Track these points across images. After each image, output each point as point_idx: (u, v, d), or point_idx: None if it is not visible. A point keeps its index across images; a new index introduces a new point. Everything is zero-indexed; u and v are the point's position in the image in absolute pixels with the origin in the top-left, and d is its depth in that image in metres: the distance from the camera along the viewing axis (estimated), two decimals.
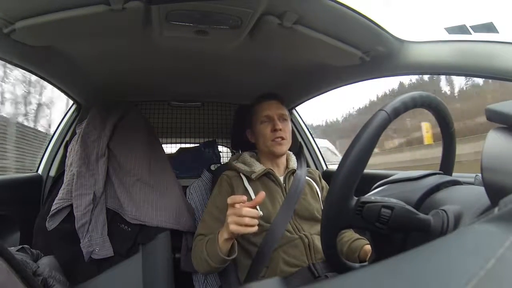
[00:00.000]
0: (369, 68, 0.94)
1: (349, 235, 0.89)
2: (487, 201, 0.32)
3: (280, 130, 0.93)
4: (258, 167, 0.94)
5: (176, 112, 1.55)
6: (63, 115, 1.33)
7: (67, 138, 1.26)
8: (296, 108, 1.51)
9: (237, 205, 0.68)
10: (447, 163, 0.54)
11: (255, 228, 0.68)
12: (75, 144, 1.03)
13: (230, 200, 0.69)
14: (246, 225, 0.67)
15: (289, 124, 0.99)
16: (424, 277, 0.15)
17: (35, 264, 0.76)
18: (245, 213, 0.67)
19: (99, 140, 1.01)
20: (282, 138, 0.93)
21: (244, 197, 0.69)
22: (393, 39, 0.81)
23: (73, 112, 1.29)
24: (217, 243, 0.73)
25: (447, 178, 0.47)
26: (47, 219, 0.92)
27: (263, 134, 0.94)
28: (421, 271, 0.16)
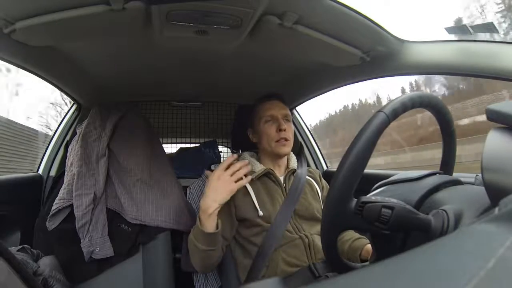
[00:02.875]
0: (369, 68, 0.94)
1: (350, 234, 0.89)
2: (487, 201, 0.32)
3: (285, 130, 0.93)
4: (258, 167, 0.94)
5: (176, 112, 1.55)
6: (64, 115, 1.33)
7: (67, 138, 1.26)
8: (297, 108, 1.51)
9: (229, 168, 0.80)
10: (447, 163, 0.54)
11: (248, 178, 0.83)
12: (75, 144, 1.03)
13: (222, 167, 0.80)
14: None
15: (292, 125, 0.99)
16: (424, 277, 0.15)
17: (35, 264, 0.76)
18: (239, 166, 0.81)
19: (99, 140, 1.01)
20: (286, 139, 0.93)
21: (231, 159, 0.82)
22: (393, 39, 0.81)
23: (73, 112, 1.29)
24: (198, 225, 0.77)
25: (447, 178, 0.47)
26: (48, 219, 0.92)
27: (267, 133, 0.94)
28: (422, 271, 0.16)
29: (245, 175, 0.82)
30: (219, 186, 0.78)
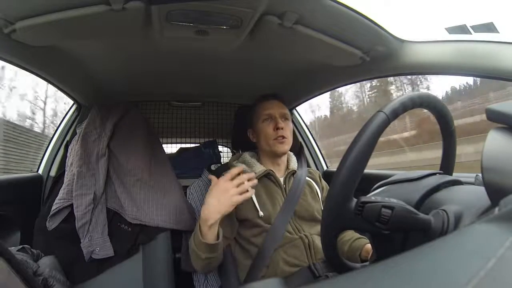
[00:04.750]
0: (369, 68, 0.94)
1: (350, 234, 0.89)
2: (487, 201, 0.32)
3: (282, 129, 0.93)
4: (259, 168, 0.94)
5: (176, 112, 1.55)
6: (64, 115, 1.33)
7: (67, 138, 1.26)
8: (296, 108, 1.51)
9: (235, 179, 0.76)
10: (447, 163, 0.54)
11: (252, 191, 0.77)
12: (75, 144, 1.04)
13: (228, 177, 0.76)
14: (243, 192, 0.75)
15: (291, 124, 0.99)
16: (424, 277, 0.15)
17: (35, 264, 0.77)
18: (246, 177, 0.76)
19: (99, 140, 1.01)
20: (284, 137, 0.93)
21: (236, 170, 0.77)
22: (393, 39, 0.81)
23: (73, 112, 1.29)
24: (199, 234, 0.74)
25: (447, 178, 0.47)
26: (48, 219, 0.92)
27: (265, 132, 0.94)
28: (422, 271, 0.16)
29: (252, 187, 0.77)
30: (222, 197, 0.73)
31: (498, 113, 0.33)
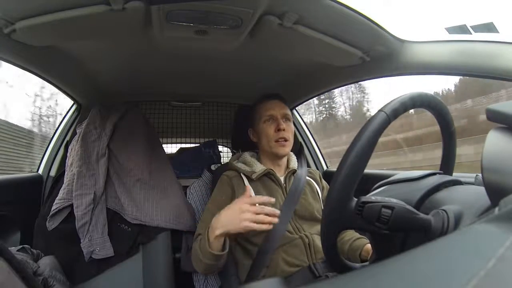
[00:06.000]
0: (369, 68, 0.94)
1: (350, 234, 0.89)
2: (487, 201, 0.32)
3: (284, 130, 0.93)
4: (259, 167, 0.93)
5: (176, 112, 1.55)
6: (64, 115, 1.33)
7: (67, 138, 1.26)
8: (296, 108, 1.51)
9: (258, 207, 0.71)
10: (447, 163, 0.54)
11: (269, 226, 0.71)
12: (75, 144, 1.03)
13: (251, 200, 0.73)
14: (261, 223, 0.70)
15: (292, 124, 0.99)
16: (424, 277, 0.15)
17: (35, 264, 0.77)
18: (271, 212, 0.71)
19: (99, 140, 1.01)
20: (285, 140, 0.93)
21: (265, 198, 0.74)
22: (393, 39, 0.81)
23: (73, 112, 1.29)
24: (206, 240, 0.73)
25: (447, 178, 0.47)
26: (48, 219, 0.92)
27: (267, 133, 0.94)
28: (422, 271, 0.16)
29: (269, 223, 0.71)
30: (235, 216, 0.70)
31: (498, 113, 0.33)
